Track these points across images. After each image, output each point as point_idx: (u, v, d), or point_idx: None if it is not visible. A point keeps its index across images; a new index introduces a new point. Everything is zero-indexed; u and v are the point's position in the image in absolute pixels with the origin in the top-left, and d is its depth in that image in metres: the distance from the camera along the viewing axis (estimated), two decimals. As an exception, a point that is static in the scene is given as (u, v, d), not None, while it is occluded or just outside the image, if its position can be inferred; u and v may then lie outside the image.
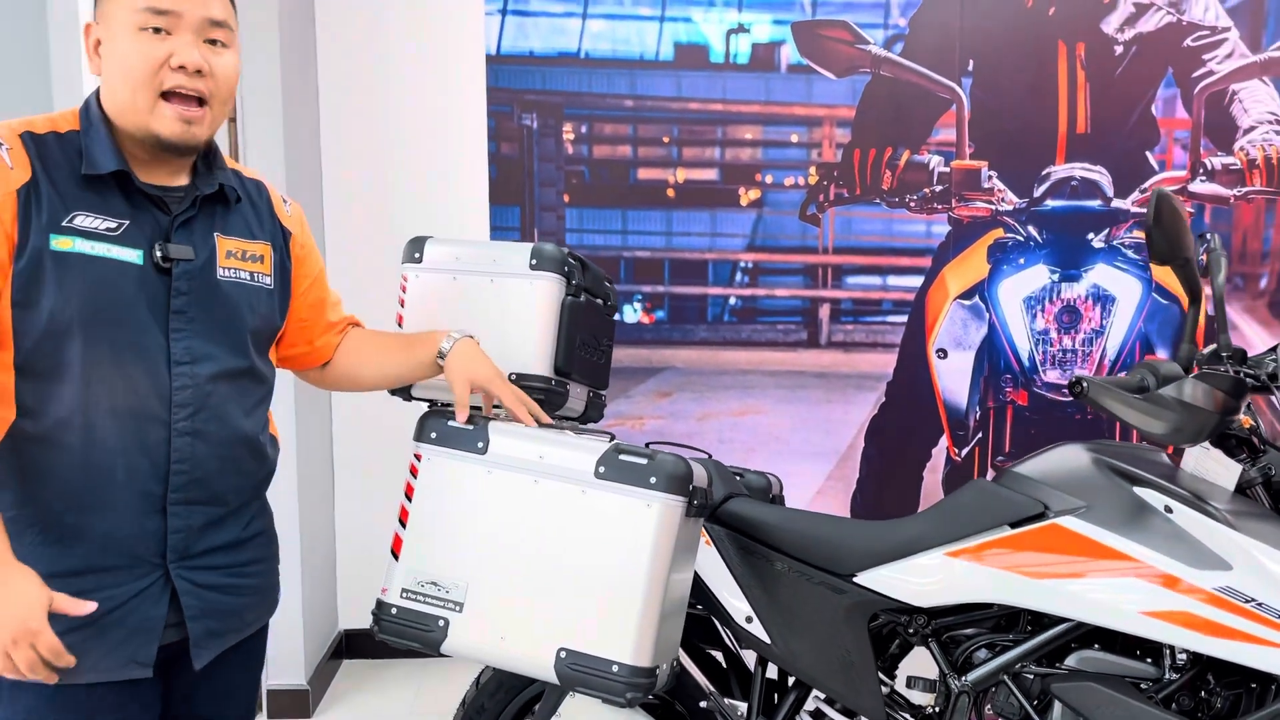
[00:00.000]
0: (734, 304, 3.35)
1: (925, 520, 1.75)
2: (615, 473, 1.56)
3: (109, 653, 1.39)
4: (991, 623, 1.74)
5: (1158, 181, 3.36)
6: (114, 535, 1.40)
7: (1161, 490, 1.58)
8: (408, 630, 1.62)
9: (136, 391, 1.40)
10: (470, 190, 3.23)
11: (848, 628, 1.74)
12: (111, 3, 1.37)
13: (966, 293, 3.39)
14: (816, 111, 3.29)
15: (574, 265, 1.87)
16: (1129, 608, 1.56)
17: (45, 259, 1.34)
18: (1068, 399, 3.42)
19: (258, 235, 1.56)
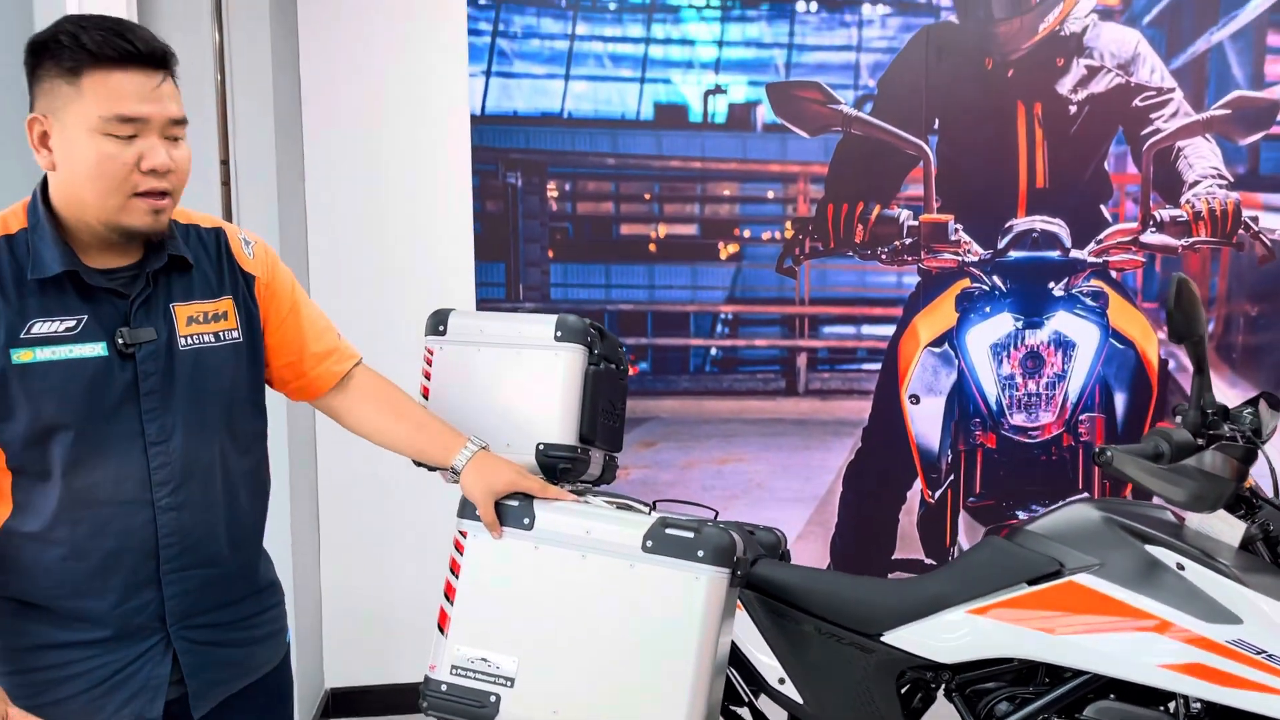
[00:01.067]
0: (715, 354, 3.43)
1: (946, 578, 1.84)
2: (663, 546, 1.61)
3: (117, 710, 1.45)
4: (1011, 676, 1.83)
5: (1113, 232, 3.54)
6: (112, 613, 1.45)
7: (1172, 548, 1.69)
8: (458, 706, 1.65)
9: (116, 480, 1.43)
10: (456, 247, 3.26)
11: (877, 685, 1.81)
12: (70, 103, 1.36)
13: (936, 340, 3.52)
14: (791, 168, 3.40)
15: (595, 335, 1.93)
16: (1147, 660, 1.66)
17: (10, 374, 1.37)
18: (1034, 440, 3.57)
19: (218, 292, 1.55)
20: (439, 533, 3.27)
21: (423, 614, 3.29)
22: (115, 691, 1.45)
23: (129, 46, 1.35)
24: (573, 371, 1.88)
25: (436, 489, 3.24)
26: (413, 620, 3.36)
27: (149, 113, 1.37)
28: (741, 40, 3.33)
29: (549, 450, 1.84)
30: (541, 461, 1.84)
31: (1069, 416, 3.58)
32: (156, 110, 1.38)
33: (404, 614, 3.34)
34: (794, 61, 3.37)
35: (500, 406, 1.89)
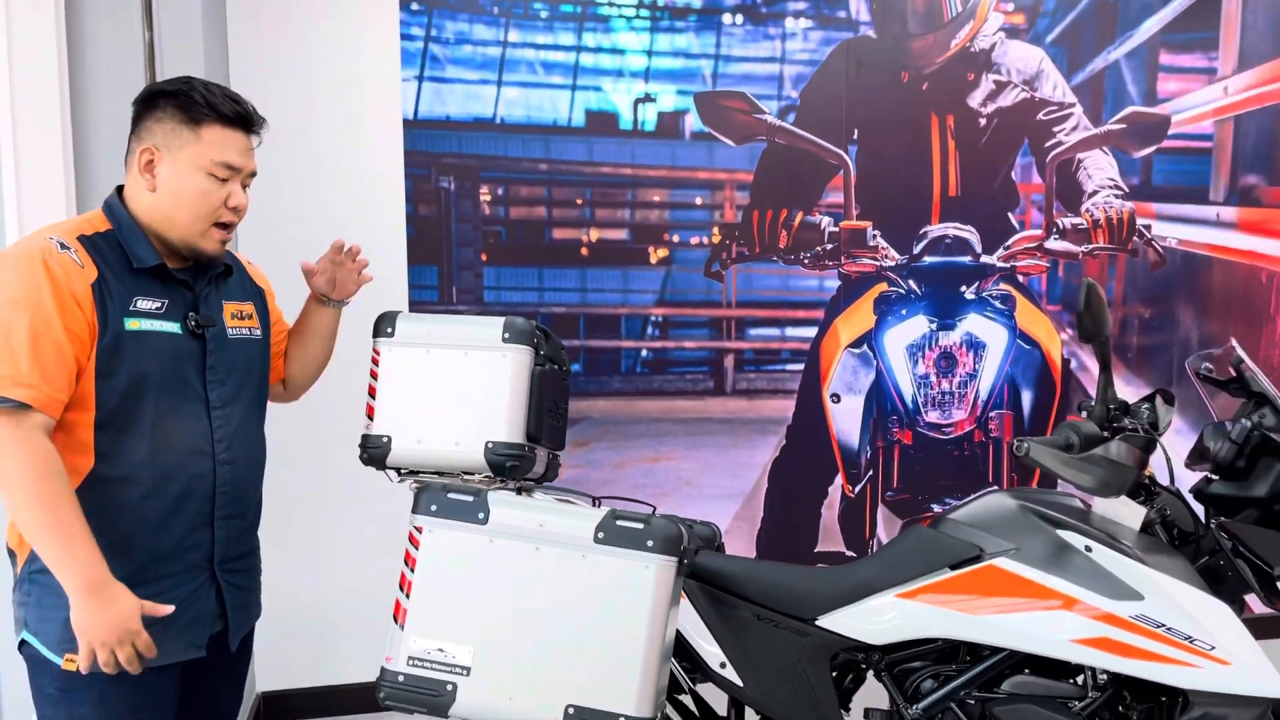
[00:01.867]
0: (646, 356, 3.52)
1: (875, 565, 1.95)
2: (614, 538, 1.69)
3: (174, 640, 1.74)
4: (935, 655, 1.95)
5: (1020, 239, 3.74)
6: (176, 547, 1.76)
7: (1081, 532, 1.83)
8: (415, 696, 1.70)
9: (190, 433, 1.77)
10: (389, 250, 3.28)
11: (812, 667, 1.91)
12: (189, 146, 1.74)
13: (856, 342, 3.67)
14: (718, 175, 3.51)
15: (540, 336, 2.00)
16: (1060, 637, 1.79)
17: (123, 338, 1.70)
18: (947, 437, 3.74)
19: (245, 297, 1.96)
20: (371, 535, 3.31)
21: (357, 615, 3.33)
22: (174, 622, 1.71)
23: (244, 111, 1.79)
24: (520, 372, 1.94)
25: (371, 494, 3.27)
26: (346, 622, 3.38)
27: (243, 164, 1.80)
28: (670, 50, 3.43)
29: (497, 448, 1.91)
30: (490, 459, 1.91)
31: (980, 413, 3.77)
32: (248, 164, 1.81)
33: (337, 616, 3.35)
34: (720, 72, 3.48)
35: (449, 406, 1.94)
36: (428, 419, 1.95)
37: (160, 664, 1.70)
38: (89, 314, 1.66)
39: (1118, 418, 1.91)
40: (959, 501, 2.03)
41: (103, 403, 1.67)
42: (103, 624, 1.60)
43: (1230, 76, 3.85)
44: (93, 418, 1.67)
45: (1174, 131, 3.82)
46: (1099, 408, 1.87)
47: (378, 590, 3.35)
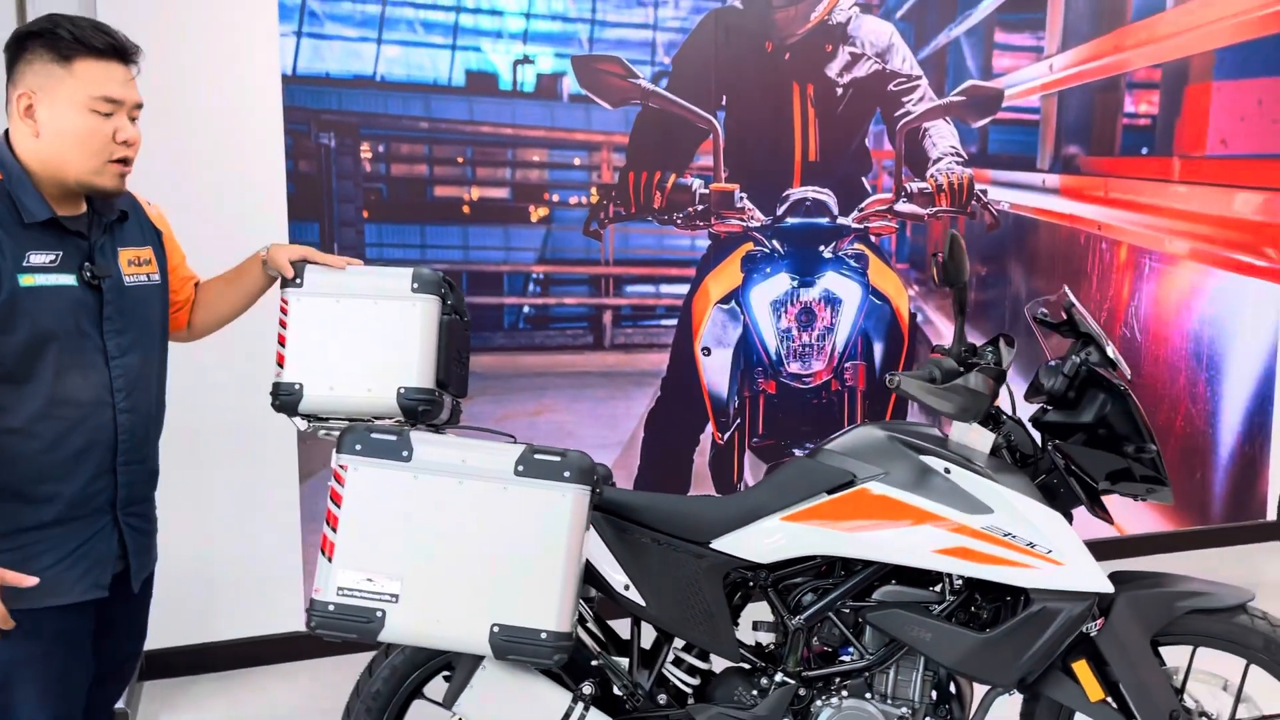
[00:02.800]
0: (527, 312, 3.64)
1: (762, 492, 2.15)
2: (533, 470, 1.83)
3: (79, 579, 1.79)
4: (814, 571, 2.17)
5: (872, 202, 4.02)
6: (79, 495, 1.78)
7: (940, 456, 2.08)
8: (345, 624, 1.80)
9: (90, 385, 1.78)
10: (269, 206, 3.27)
11: (708, 586, 2.10)
12: (60, 84, 1.71)
13: (725, 298, 3.88)
14: (595, 137, 3.64)
15: (448, 287, 2.10)
16: (923, 548, 2.04)
17: (19, 294, 1.69)
18: (807, 386, 4.01)
19: (143, 243, 1.94)
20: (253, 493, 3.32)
21: (242, 571, 3.35)
22: (77, 564, 1.78)
23: (115, 42, 1.74)
24: (429, 320, 2.05)
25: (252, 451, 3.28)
26: (231, 579, 3.39)
27: (124, 96, 1.76)
28: (548, 13, 3.53)
29: (409, 393, 2.01)
30: (402, 404, 2.00)
31: (836, 364, 4.06)
32: (129, 95, 1.77)
33: (213, 573, 3.36)
34: (596, 36, 3.60)
35: (360, 354, 2.03)
36: (339, 366, 2.03)
37: (67, 602, 1.77)
38: None
39: (968, 356, 2.16)
40: (834, 434, 2.25)
41: (3, 358, 1.68)
42: None
43: (1055, 55, 4.23)
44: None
45: (1007, 104, 4.17)
46: (955, 346, 2.12)
47: (256, 549, 3.38)
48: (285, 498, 3.41)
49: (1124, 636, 2.05)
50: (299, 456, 3.39)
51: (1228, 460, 4.72)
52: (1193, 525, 4.68)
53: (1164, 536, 4.59)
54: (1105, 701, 2.09)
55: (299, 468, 3.40)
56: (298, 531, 3.42)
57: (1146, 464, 2.06)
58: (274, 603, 3.43)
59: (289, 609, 3.44)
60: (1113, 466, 2.08)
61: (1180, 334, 4.52)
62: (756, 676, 2.16)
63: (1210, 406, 4.63)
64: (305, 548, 3.43)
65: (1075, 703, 2.11)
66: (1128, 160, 4.38)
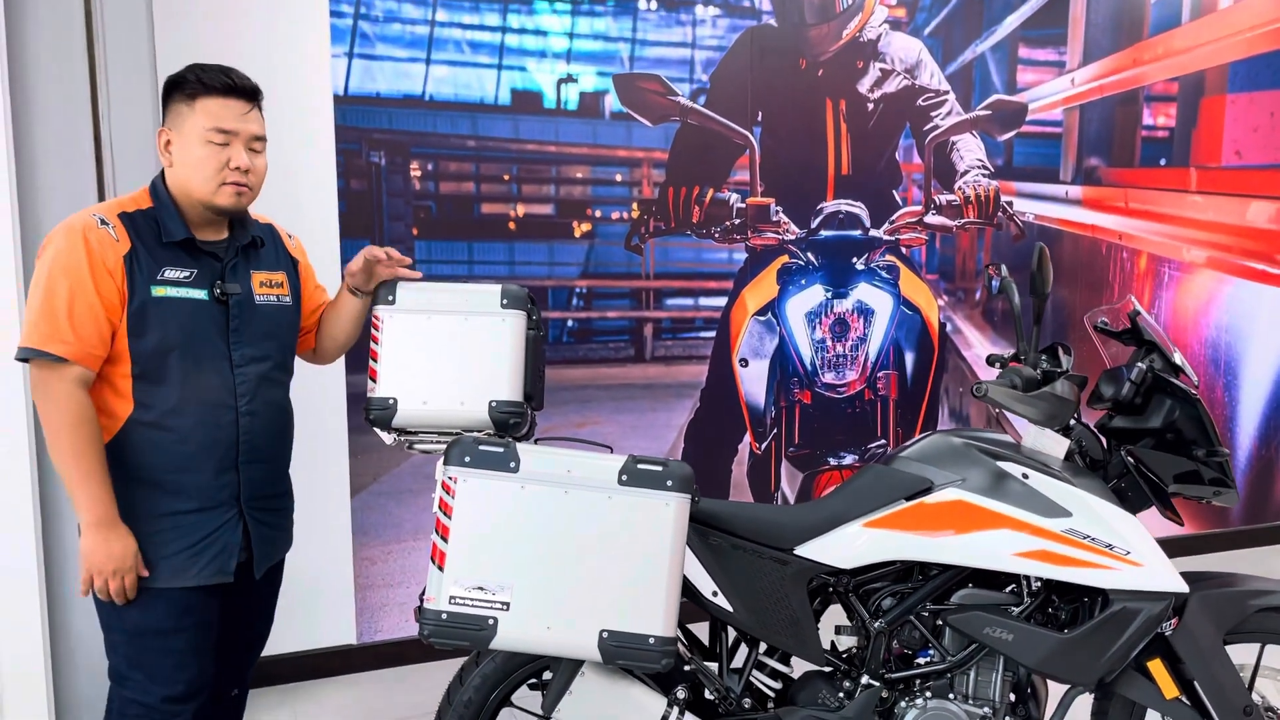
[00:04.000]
0: (571, 326, 3.69)
1: (841, 499, 2.21)
2: (636, 479, 1.88)
3: (206, 565, 2.01)
4: (893, 576, 2.23)
5: (902, 214, 4.10)
6: (205, 487, 2.01)
7: (1018, 462, 2.14)
8: (458, 631, 1.85)
9: (214, 387, 2.02)
10: (321, 225, 3.32)
11: (792, 591, 2.16)
12: (185, 120, 1.98)
13: (761, 310, 3.95)
14: (636, 154, 3.71)
15: (532, 304, 2.16)
16: (1003, 552, 2.10)
17: (149, 304, 1.95)
18: (841, 395, 4.08)
19: (277, 267, 2.19)
20: (306, 508, 3.34)
21: (297, 585, 3.37)
22: (204, 551, 2.01)
23: (229, 82, 1.99)
24: (517, 336, 2.10)
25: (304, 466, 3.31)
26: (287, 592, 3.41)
27: (238, 128, 2.00)
28: (590, 33, 3.60)
29: (500, 406, 2.06)
30: (494, 417, 2.06)
31: (869, 374, 4.13)
32: (243, 128, 2.01)
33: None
34: (637, 55, 3.67)
35: (452, 369, 2.08)
36: (432, 381, 2.08)
37: (192, 585, 2.00)
38: (119, 282, 1.93)
39: (1042, 363, 2.23)
40: (908, 441, 2.31)
41: (136, 358, 1.95)
42: (101, 557, 1.91)
43: (1076, 69, 4.33)
44: (129, 370, 1.95)
45: (1031, 118, 4.27)
46: (1032, 355, 2.19)
47: (310, 563, 3.41)
48: (337, 512, 3.44)
49: (1199, 635, 2.12)
50: (349, 471, 3.43)
51: (1245, 464, 4.81)
52: (1210, 529, 4.77)
53: (1183, 540, 4.68)
54: (1179, 699, 2.16)
55: (349, 482, 3.44)
56: (349, 545, 3.46)
57: (1215, 467, 2.13)
58: (328, 616, 3.46)
59: (342, 622, 3.47)
60: (1182, 469, 2.15)
61: (1198, 340, 4.62)
62: (839, 679, 2.21)
63: (1228, 411, 4.73)
64: (357, 561, 3.47)
65: (1150, 700, 2.17)
66: (1147, 171, 4.48)
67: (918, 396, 4.21)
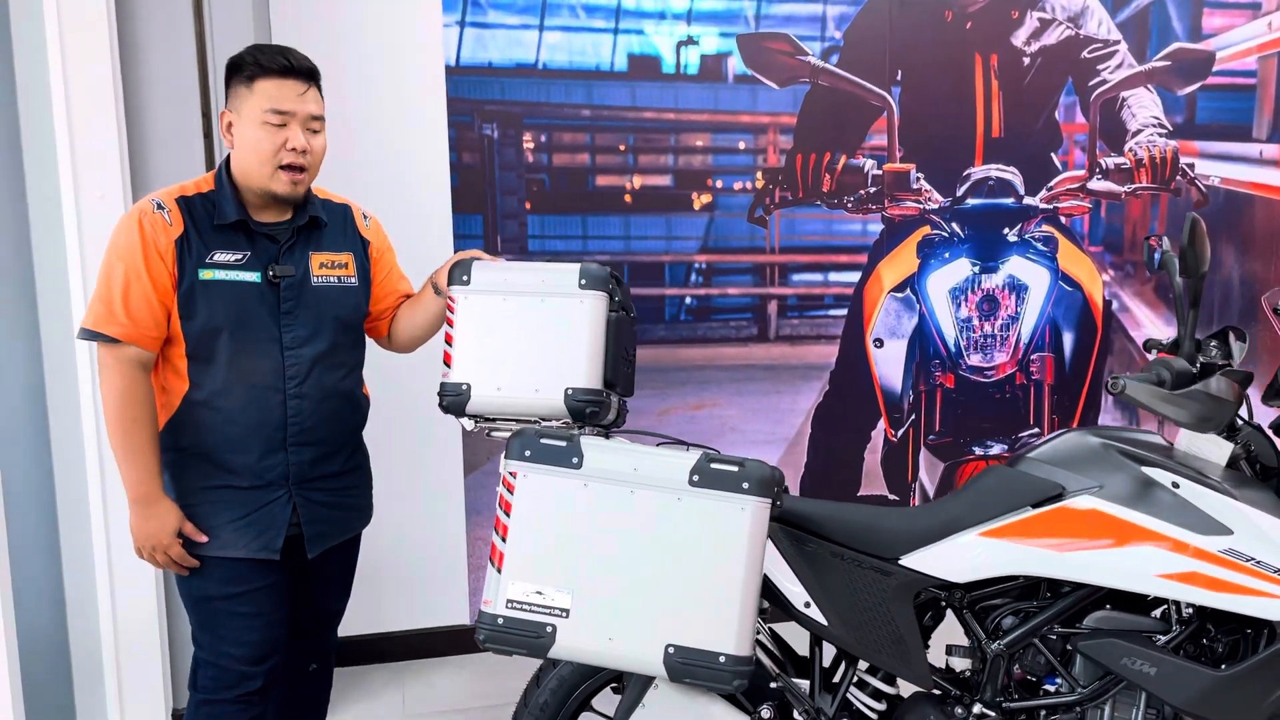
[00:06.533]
0: (689, 303, 3.51)
1: (956, 504, 1.96)
2: (709, 480, 1.70)
3: (253, 539, 2.02)
4: (1016, 592, 1.96)
5: (1062, 180, 3.71)
6: (253, 466, 2.02)
7: (1167, 468, 1.83)
8: (515, 638, 1.71)
9: (262, 370, 2.00)
10: (433, 199, 3.26)
11: (896, 605, 1.93)
12: (244, 102, 1.96)
13: (899, 286, 3.66)
14: (761, 119, 3.47)
15: (614, 283, 1.99)
16: (1146, 572, 1.80)
17: (197, 286, 1.95)
18: (989, 380, 3.75)
19: (342, 248, 2.13)
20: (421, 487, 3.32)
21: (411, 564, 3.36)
22: (251, 526, 2.01)
23: (286, 63, 1.95)
24: (596, 318, 1.94)
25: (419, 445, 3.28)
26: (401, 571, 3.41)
27: (295, 109, 1.96)
28: (712, -8, 3.38)
29: (577, 394, 1.91)
30: (570, 405, 1.91)
31: (1021, 356, 3.77)
32: (300, 108, 1.97)
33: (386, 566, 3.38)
34: (763, 13, 3.43)
35: (527, 352, 1.94)
36: (506, 366, 1.95)
37: (238, 556, 2.01)
38: (170, 265, 1.94)
39: (1207, 353, 1.90)
40: (1039, 440, 2.03)
41: (188, 340, 1.97)
42: (142, 532, 1.96)
43: (1275, 12, 3.80)
44: (184, 350, 1.97)
45: (1218, 68, 3.77)
46: (1188, 344, 1.86)
47: (424, 542, 3.39)
48: (451, 491, 3.40)
49: (1391, 681, 1.77)
50: (464, 450, 3.37)
51: None
52: None
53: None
54: (1364, 752, 1.81)
55: (464, 461, 3.38)
56: (463, 525, 3.41)
57: None
58: (441, 595, 3.44)
59: (455, 602, 3.44)
60: (1380, 482, 1.79)
61: None
62: (950, 705, 1.97)
63: None
64: (470, 541, 3.42)
65: (1327, 752, 1.84)
66: (1361, 126, 3.90)
67: (1077, 382, 3.81)
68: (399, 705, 3.14)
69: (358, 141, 3.19)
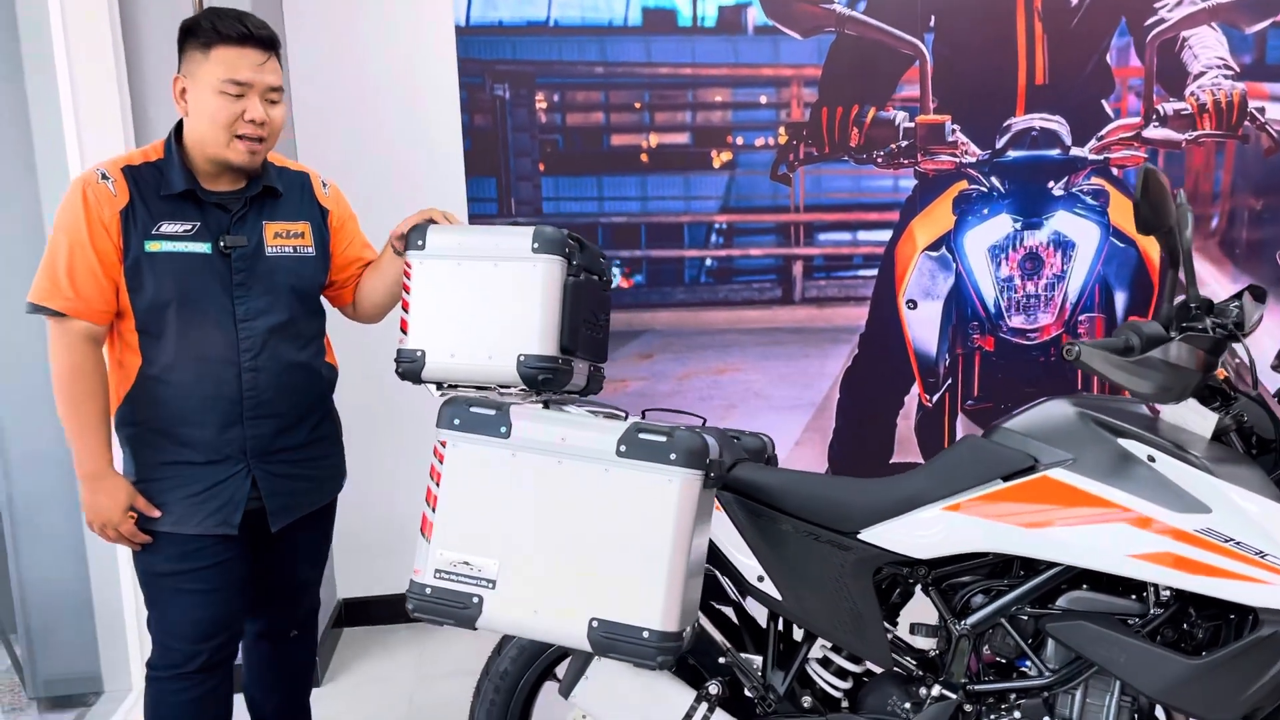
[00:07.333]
0: (710, 265, 3.43)
1: (922, 477, 1.85)
2: (636, 451, 1.64)
3: (209, 515, 1.98)
4: (986, 570, 1.85)
5: (1114, 128, 3.47)
6: (210, 440, 1.98)
7: (1144, 441, 1.69)
8: (442, 608, 1.70)
9: (214, 343, 1.96)
10: (446, 163, 3.24)
11: (854, 581, 1.84)
12: (201, 69, 1.89)
13: (934, 244, 3.49)
14: (784, 72, 3.34)
15: (573, 245, 1.93)
16: (1117, 551, 1.67)
17: (143, 259, 1.91)
18: (1032, 342, 3.56)
19: (297, 217, 2.08)
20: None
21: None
22: (208, 502, 1.98)
23: (245, 30, 1.88)
24: (551, 282, 1.88)
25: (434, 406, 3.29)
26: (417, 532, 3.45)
27: (254, 80, 1.90)
28: (730, -61, 3.25)
29: (529, 361, 1.86)
30: (522, 372, 1.86)
31: (1068, 317, 3.57)
32: (259, 79, 1.91)
33: (409, 527, 3.41)
34: (784, -40, 3.28)
35: (480, 319, 1.90)
36: (460, 332, 1.91)
37: (194, 532, 1.98)
38: (115, 238, 1.90)
39: (1198, 316, 1.73)
40: (1019, 409, 1.91)
41: (137, 313, 1.93)
42: (93, 507, 1.93)
43: (1362, -64, 3.46)
44: (134, 324, 1.93)
45: (1294, 2, 3.46)
46: (1165, 306, 1.71)
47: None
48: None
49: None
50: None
51: None
52: None
53: None
54: (1359, 750, 1.66)
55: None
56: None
57: None
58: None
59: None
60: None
61: None
62: (914, 686, 1.88)
63: None
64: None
65: (1318, 751, 1.69)
66: None
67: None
68: (413, 665, 3.19)
69: (369, 107, 3.20)
